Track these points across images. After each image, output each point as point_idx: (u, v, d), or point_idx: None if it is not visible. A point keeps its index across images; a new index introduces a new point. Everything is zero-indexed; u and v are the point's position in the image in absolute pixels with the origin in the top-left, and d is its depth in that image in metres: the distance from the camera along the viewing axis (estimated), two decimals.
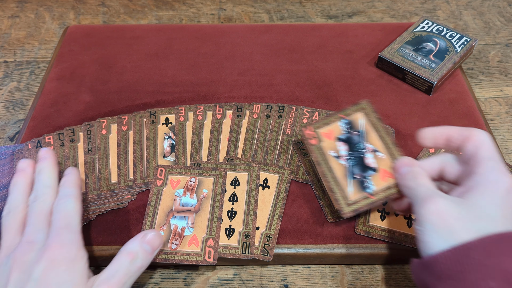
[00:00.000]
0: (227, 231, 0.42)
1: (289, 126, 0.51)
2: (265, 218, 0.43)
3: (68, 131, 0.50)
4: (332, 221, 0.43)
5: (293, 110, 0.52)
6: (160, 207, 0.43)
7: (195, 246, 0.41)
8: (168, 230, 0.42)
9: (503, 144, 0.53)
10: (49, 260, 0.33)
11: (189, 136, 0.49)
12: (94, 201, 0.44)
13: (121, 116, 0.51)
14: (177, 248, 0.41)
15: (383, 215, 0.44)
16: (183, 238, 0.41)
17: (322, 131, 0.43)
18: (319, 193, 0.45)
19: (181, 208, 0.43)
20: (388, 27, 0.64)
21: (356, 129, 0.43)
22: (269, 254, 0.41)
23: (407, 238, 0.42)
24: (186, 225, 0.42)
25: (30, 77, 0.61)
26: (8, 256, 0.34)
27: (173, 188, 0.45)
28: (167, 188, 0.45)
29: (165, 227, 0.42)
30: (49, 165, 0.41)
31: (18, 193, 0.39)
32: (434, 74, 0.54)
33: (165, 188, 0.45)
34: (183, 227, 0.42)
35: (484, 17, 0.71)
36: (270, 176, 0.46)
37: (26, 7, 0.73)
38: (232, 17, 0.71)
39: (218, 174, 0.45)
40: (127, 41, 0.62)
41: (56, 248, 0.33)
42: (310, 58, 0.60)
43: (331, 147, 0.42)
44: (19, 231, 0.36)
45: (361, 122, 0.44)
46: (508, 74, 0.62)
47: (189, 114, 0.51)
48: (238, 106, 0.53)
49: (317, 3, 0.74)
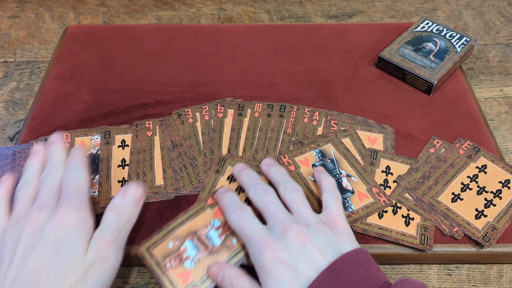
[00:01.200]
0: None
1: (290, 126, 0.51)
2: None
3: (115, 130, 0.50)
4: None
5: (294, 110, 0.52)
6: (190, 224, 0.41)
7: (182, 282, 0.37)
8: (177, 246, 0.39)
9: (503, 144, 0.53)
10: (59, 220, 0.35)
11: (200, 136, 0.50)
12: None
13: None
14: (168, 270, 0.38)
15: (381, 213, 0.44)
16: (180, 264, 0.38)
17: (299, 158, 0.47)
18: (314, 206, 0.44)
19: (204, 238, 0.40)
20: (388, 27, 0.64)
21: (329, 157, 0.47)
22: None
23: (404, 237, 0.42)
24: (193, 256, 0.39)
25: (30, 77, 0.61)
26: (20, 218, 0.36)
27: (214, 216, 0.41)
28: (207, 213, 0.42)
29: (178, 242, 0.40)
30: (60, 147, 0.42)
31: (31, 171, 0.41)
32: (434, 74, 0.54)
33: (203, 213, 0.42)
34: (188, 256, 0.39)
35: (484, 17, 0.71)
36: None
37: (26, 7, 0.73)
38: (232, 17, 0.71)
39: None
40: (127, 41, 0.62)
41: (65, 209, 0.36)
42: (310, 58, 0.60)
43: (309, 173, 0.46)
44: (31, 202, 0.38)
45: (333, 151, 0.48)
46: (508, 74, 0.62)
47: (197, 114, 0.52)
48: (240, 104, 0.53)
49: (317, 3, 0.74)
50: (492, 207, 0.44)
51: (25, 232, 0.35)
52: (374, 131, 0.50)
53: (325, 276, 0.33)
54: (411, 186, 0.45)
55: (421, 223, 0.43)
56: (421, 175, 0.46)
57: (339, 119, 0.52)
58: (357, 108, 0.53)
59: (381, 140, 0.50)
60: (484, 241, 0.41)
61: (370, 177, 0.46)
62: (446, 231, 0.43)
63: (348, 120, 0.51)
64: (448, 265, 0.43)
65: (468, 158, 0.48)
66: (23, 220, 0.35)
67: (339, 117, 0.52)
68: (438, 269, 0.43)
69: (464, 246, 0.42)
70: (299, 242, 0.35)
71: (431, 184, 0.46)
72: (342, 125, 0.51)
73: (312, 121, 0.51)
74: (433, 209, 0.44)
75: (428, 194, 0.45)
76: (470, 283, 0.42)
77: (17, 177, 0.46)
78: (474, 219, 0.43)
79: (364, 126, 0.51)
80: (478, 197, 0.45)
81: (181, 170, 0.46)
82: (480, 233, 0.42)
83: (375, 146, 0.49)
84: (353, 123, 0.51)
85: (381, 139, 0.50)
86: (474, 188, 0.46)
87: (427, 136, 0.51)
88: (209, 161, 0.47)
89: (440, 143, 0.50)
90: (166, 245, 0.39)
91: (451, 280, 0.42)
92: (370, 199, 0.44)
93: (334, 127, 0.51)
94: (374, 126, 0.51)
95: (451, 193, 0.45)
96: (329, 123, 0.51)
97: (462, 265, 0.43)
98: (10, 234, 0.35)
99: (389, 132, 0.50)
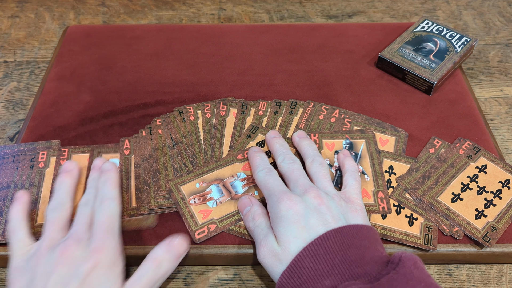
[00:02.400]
0: None
1: (303, 121, 0.51)
2: None
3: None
4: None
5: (310, 106, 0.52)
6: (218, 172, 0.45)
7: (202, 218, 0.42)
8: (203, 188, 0.44)
9: (503, 144, 0.53)
10: (94, 262, 0.34)
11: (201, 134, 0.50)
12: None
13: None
14: (191, 205, 0.43)
15: (384, 214, 0.44)
16: (203, 203, 0.43)
17: (326, 141, 0.49)
18: None
19: (229, 185, 0.44)
20: (388, 27, 0.64)
21: (356, 151, 0.48)
22: None
23: (408, 237, 0.42)
24: (216, 198, 0.43)
25: (30, 77, 0.61)
26: (54, 248, 0.36)
27: (242, 169, 0.46)
28: (235, 165, 0.46)
29: (205, 184, 0.44)
30: (113, 177, 0.42)
31: (64, 192, 0.41)
32: (434, 74, 0.54)
33: (232, 165, 0.46)
34: (212, 197, 0.43)
35: (484, 17, 0.71)
36: None
37: (26, 7, 0.73)
38: (232, 17, 0.71)
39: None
40: (127, 41, 0.62)
41: (100, 251, 0.35)
42: (310, 58, 0.60)
43: (328, 157, 0.48)
44: (63, 228, 0.38)
45: (362, 147, 0.48)
46: (508, 74, 0.62)
47: (198, 112, 0.52)
48: (243, 103, 0.53)
49: (317, 3, 0.74)
50: (492, 207, 0.44)
51: (59, 265, 0.34)
52: (387, 133, 0.50)
53: (334, 234, 0.35)
54: (411, 186, 0.45)
55: (425, 223, 0.43)
56: (421, 175, 0.46)
57: (353, 118, 0.52)
58: (357, 108, 0.53)
59: (392, 143, 0.50)
60: (484, 241, 0.41)
61: (383, 183, 0.46)
62: (446, 231, 0.43)
63: (362, 120, 0.52)
64: (448, 265, 0.43)
65: (468, 158, 0.48)
66: (58, 251, 0.35)
67: (353, 116, 0.52)
68: (438, 269, 0.43)
69: (464, 246, 0.42)
70: (315, 202, 0.38)
71: (431, 184, 0.46)
72: (355, 124, 0.51)
73: (331, 118, 0.52)
74: (433, 209, 0.44)
75: (428, 194, 0.45)
76: (470, 283, 0.42)
77: (17, 177, 0.46)
78: (474, 219, 0.43)
79: (378, 127, 0.51)
80: (478, 197, 0.45)
81: (181, 168, 0.46)
82: (480, 233, 0.42)
83: (385, 147, 0.49)
84: (367, 124, 0.51)
85: (393, 142, 0.50)
86: (474, 188, 0.46)
87: (427, 136, 0.51)
88: (209, 158, 0.47)
89: (440, 143, 0.50)
90: (193, 185, 0.44)
91: (451, 280, 0.42)
92: (370, 200, 0.44)
93: (347, 126, 0.51)
94: (387, 128, 0.51)
95: (451, 193, 0.45)
96: (342, 121, 0.51)
97: (462, 265, 0.43)
98: (44, 262, 0.35)
99: (402, 136, 0.50)
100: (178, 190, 0.44)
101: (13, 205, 0.40)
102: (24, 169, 0.46)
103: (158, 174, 0.46)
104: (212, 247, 0.42)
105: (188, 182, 0.45)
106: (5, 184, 0.45)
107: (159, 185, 0.45)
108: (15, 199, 0.41)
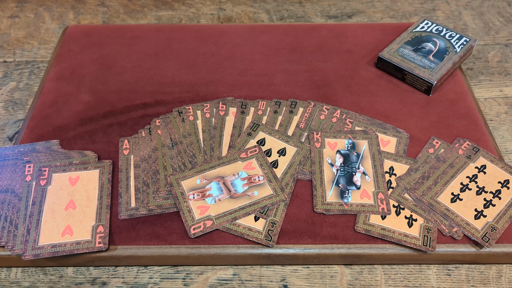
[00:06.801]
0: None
1: (304, 120, 0.51)
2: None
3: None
4: (318, 212, 0.44)
5: (311, 106, 0.53)
6: (220, 169, 0.46)
7: (199, 213, 0.43)
8: (204, 184, 0.44)
9: (502, 144, 0.53)
10: None
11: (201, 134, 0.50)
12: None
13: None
14: (190, 201, 0.43)
15: (384, 215, 0.44)
16: (202, 199, 0.43)
17: (329, 140, 0.49)
18: (316, 183, 0.46)
19: (229, 184, 0.45)
20: (388, 27, 0.64)
21: (358, 151, 0.48)
22: (273, 240, 0.42)
23: (407, 238, 0.42)
24: (215, 196, 0.44)
25: (30, 77, 0.61)
26: None
27: (243, 168, 0.46)
28: (237, 164, 0.46)
29: (205, 181, 0.45)
30: None
31: None
32: (433, 74, 0.54)
33: (234, 163, 0.46)
34: (211, 194, 0.44)
35: (483, 17, 0.71)
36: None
37: (26, 7, 0.73)
38: (231, 17, 0.71)
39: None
40: (127, 41, 0.62)
41: None
42: (309, 58, 0.60)
43: (330, 156, 0.48)
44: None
45: (364, 148, 0.49)
46: (508, 74, 0.62)
47: (198, 112, 0.52)
48: (243, 103, 0.53)
49: (316, 3, 0.74)
50: (491, 207, 0.44)
51: None
52: (388, 134, 0.50)
53: None
54: (411, 187, 0.45)
55: (424, 224, 0.43)
56: (420, 175, 0.46)
57: (355, 118, 0.52)
58: (357, 108, 0.53)
59: (393, 144, 0.50)
60: (483, 241, 0.41)
61: (384, 184, 0.46)
62: (446, 231, 0.43)
63: (363, 121, 0.52)
64: (447, 265, 0.43)
65: (468, 158, 0.48)
66: None
67: (355, 117, 0.52)
68: (437, 269, 0.43)
69: (463, 246, 0.42)
70: None
71: (430, 184, 0.46)
72: (357, 124, 0.51)
73: (332, 118, 0.52)
74: (433, 209, 0.44)
75: (428, 194, 0.45)
76: (469, 283, 0.42)
77: (14, 178, 0.46)
78: (473, 219, 0.43)
79: (379, 128, 0.51)
80: (477, 197, 0.45)
81: (180, 168, 0.46)
82: (479, 233, 0.42)
83: (386, 148, 0.49)
84: (369, 124, 0.51)
85: (394, 143, 0.50)
86: (474, 188, 0.46)
87: (426, 136, 0.51)
88: (208, 158, 0.47)
89: (439, 143, 0.50)
90: (194, 181, 0.45)
91: (450, 280, 0.42)
92: (370, 201, 0.44)
93: (348, 126, 0.51)
94: (389, 129, 0.51)
95: (451, 193, 0.45)
96: (343, 121, 0.51)
97: (461, 265, 0.43)
98: None
99: (404, 137, 0.50)
100: (178, 185, 0.44)
101: None
102: (17, 179, 0.46)
103: (158, 174, 0.46)
104: (211, 247, 0.42)
105: (189, 178, 0.45)
106: (4, 188, 0.45)
107: (158, 186, 0.45)
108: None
